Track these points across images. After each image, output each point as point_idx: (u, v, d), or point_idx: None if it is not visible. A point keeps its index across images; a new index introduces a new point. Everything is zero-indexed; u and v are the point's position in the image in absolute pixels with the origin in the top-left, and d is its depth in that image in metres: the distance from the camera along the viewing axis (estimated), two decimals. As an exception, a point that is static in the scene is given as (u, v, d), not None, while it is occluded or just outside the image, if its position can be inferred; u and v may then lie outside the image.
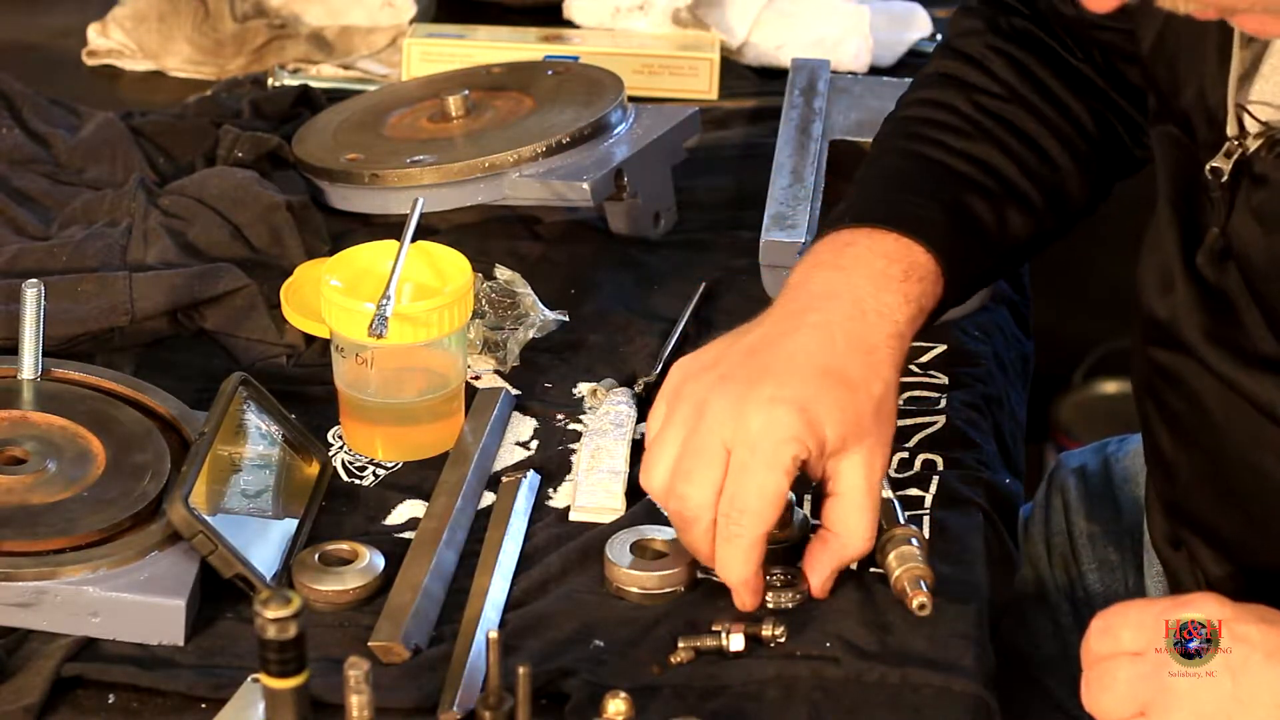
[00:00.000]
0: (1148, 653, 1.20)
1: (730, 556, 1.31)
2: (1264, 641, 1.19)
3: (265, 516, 1.39)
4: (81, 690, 1.27)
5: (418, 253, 1.50)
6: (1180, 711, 1.18)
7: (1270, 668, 1.18)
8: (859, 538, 1.33)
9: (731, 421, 1.31)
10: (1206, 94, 1.35)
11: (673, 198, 1.78)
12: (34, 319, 1.45)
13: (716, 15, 2.06)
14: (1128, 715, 1.20)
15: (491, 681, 1.20)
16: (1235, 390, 1.36)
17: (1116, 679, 1.21)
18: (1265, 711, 1.18)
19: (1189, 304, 1.38)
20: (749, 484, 1.30)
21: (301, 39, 2.04)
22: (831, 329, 1.36)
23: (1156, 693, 1.19)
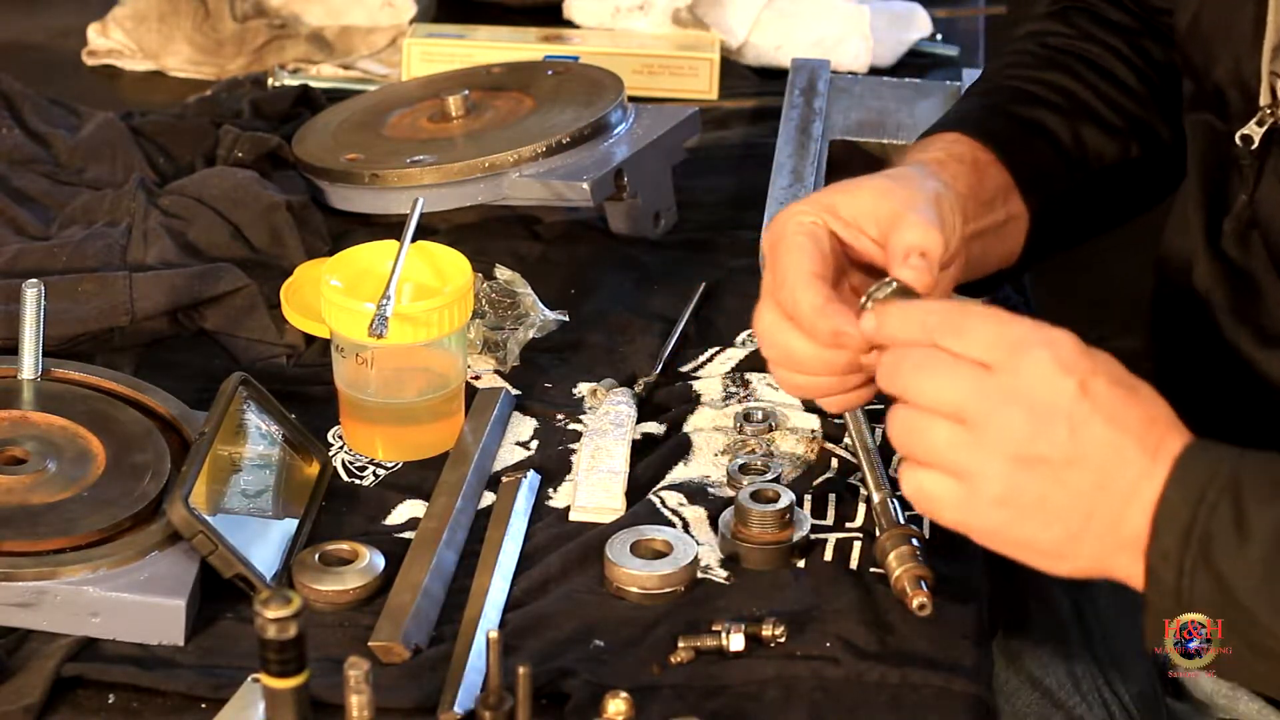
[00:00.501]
0: (997, 371, 1.18)
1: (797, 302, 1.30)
2: (1109, 402, 1.17)
3: (265, 516, 1.39)
4: (81, 690, 1.27)
5: (418, 253, 1.50)
6: (1005, 443, 1.17)
7: (1106, 428, 1.17)
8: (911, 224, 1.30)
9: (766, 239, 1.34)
10: (1241, 65, 1.36)
11: (673, 198, 1.78)
12: (34, 319, 1.45)
13: (716, 15, 2.06)
14: (944, 412, 1.19)
15: (491, 681, 1.20)
16: (1253, 368, 1.37)
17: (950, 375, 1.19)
18: (1088, 470, 1.17)
19: (1212, 282, 1.39)
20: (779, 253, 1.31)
21: (301, 39, 2.04)
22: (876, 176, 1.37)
23: (988, 412, 1.17)
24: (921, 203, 1.33)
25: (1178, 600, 1.17)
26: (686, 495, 1.44)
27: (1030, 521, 1.18)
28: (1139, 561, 1.18)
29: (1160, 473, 1.17)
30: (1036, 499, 1.18)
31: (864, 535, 1.40)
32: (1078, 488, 1.17)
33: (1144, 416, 1.19)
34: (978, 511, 1.19)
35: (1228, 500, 1.16)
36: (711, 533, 1.40)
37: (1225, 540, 1.15)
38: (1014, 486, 1.18)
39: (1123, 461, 1.17)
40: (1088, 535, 1.18)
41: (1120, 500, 1.17)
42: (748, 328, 1.63)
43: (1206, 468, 1.17)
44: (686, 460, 1.48)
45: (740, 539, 1.37)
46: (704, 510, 1.43)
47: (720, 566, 1.37)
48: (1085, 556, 1.19)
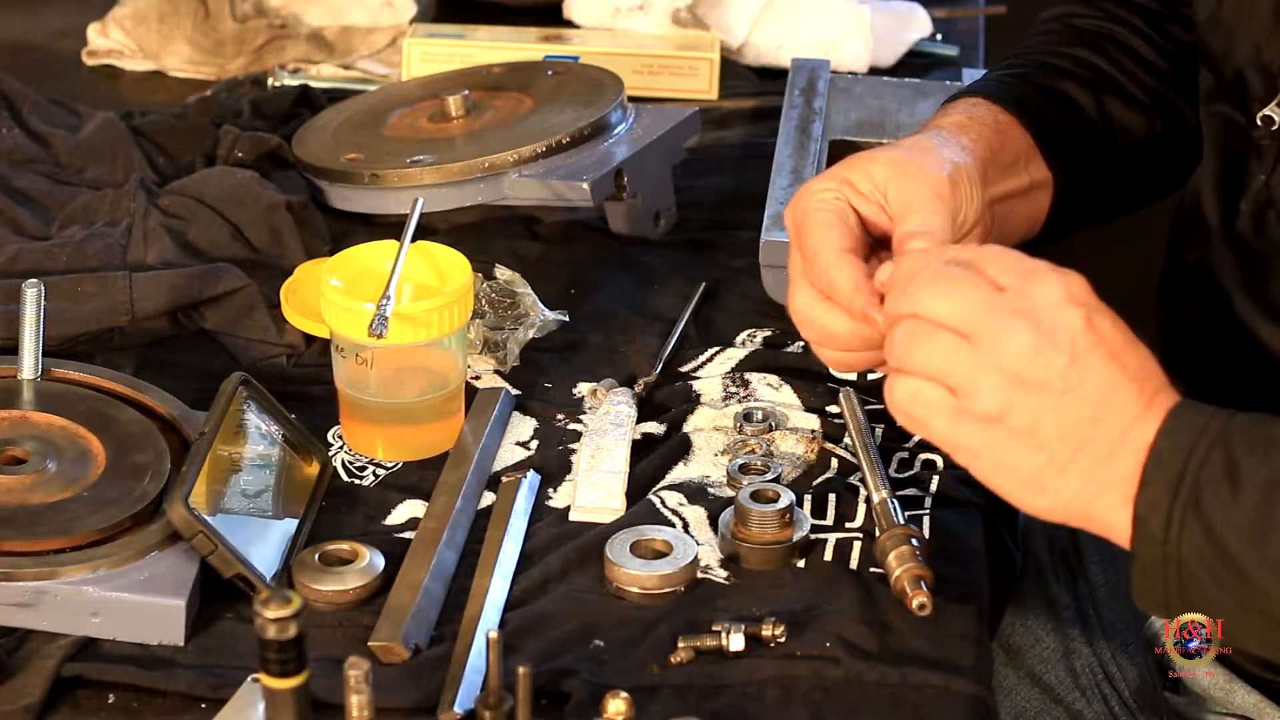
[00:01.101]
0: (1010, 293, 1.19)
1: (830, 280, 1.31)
2: (1113, 339, 1.18)
3: (265, 516, 1.39)
4: (81, 690, 1.27)
5: (418, 253, 1.50)
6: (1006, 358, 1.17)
7: (1106, 363, 1.18)
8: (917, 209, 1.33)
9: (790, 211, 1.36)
10: (1262, 50, 1.37)
11: (673, 198, 1.78)
12: (34, 319, 1.45)
13: (716, 15, 2.06)
14: (949, 325, 1.19)
15: (491, 681, 1.20)
16: (1259, 344, 1.38)
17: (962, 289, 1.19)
18: (1082, 401, 1.17)
19: (1225, 262, 1.40)
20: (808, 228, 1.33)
21: (301, 39, 2.04)
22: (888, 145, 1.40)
23: (995, 329, 1.18)
24: (935, 178, 1.35)
25: (1164, 551, 1.16)
26: (686, 495, 1.44)
27: (1019, 444, 1.18)
28: (1125, 506, 1.17)
29: (1153, 421, 1.17)
30: (1029, 421, 1.17)
31: (864, 535, 1.40)
32: (1072, 416, 1.17)
33: (1143, 365, 1.19)
34: (967, 427, 1.19)
35: (1219, 452, 1.16)
36: (711, 533, 1.40)
37: (1216, 491, 1.15)
38: (1008, 404, 1.17)
39: (1119, 400, 1.17)
40: (1074, 468, 1.17)
41: (1112, 438, 1.17)
42: (748, 328, 1.63)
43: (1198, 422, 1.17)
44: (686, 460, 1.48)
45: (740, 539, 1.37)
46: (704, 510, 1.43)
47: (720, 566, 1.37)
48: (1068, 490, 1.18)
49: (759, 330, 1.63)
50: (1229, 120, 1.42)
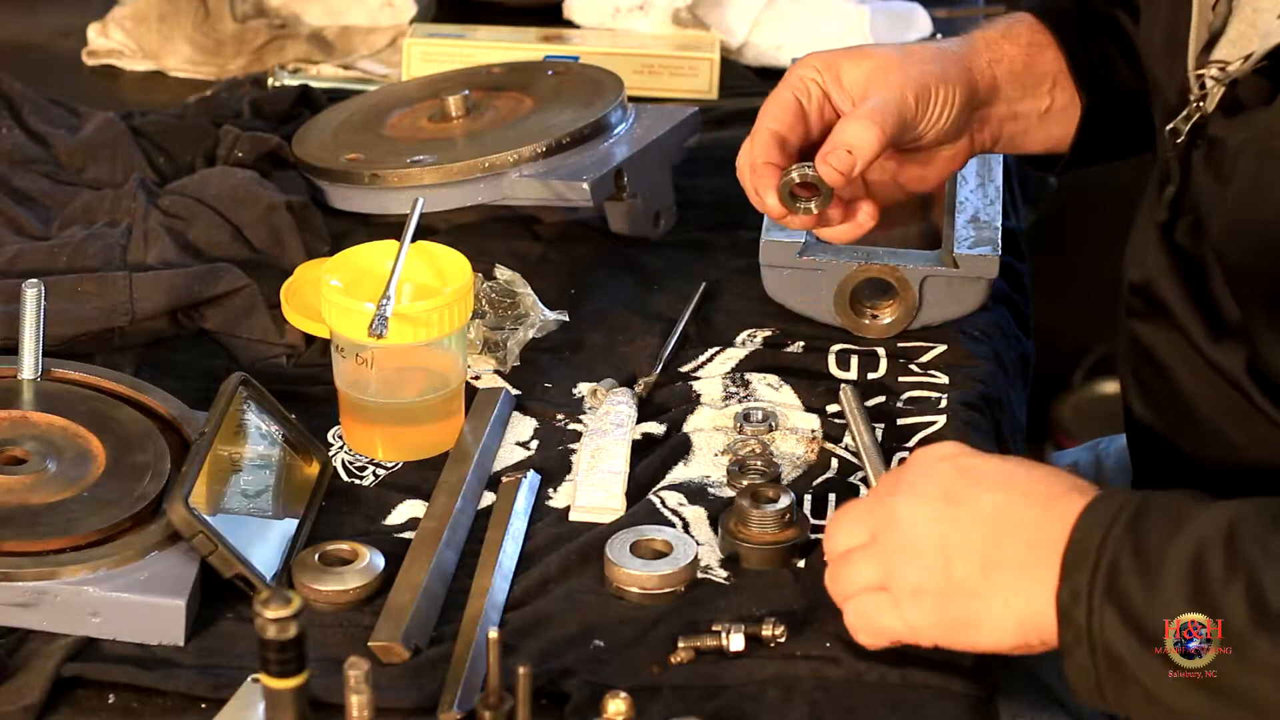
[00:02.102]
0: (882, 483, 1.28)
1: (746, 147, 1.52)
2: (987, 472, 1.24)
3: (265, 516, 1.39)
4: (81, 690, 1.27)
5: (418, 253, 1.50)
6: (899, 534, 1.24)
7: (987, 494, 1.23)
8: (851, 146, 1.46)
9: None
10: (1176, 64, 1.39)
11: (673, 198, 1.78)
12: (34, 319, 1.45)
13: (716, 15, 2.06)
14: (856, 544, 1.26)
15: (491, 681, 1.20)
16: (1203, 358, 1.40)
17: (852, 511, 1.28)
18: (976, 532, 1.22)
19: (1165, 270, 1.42)
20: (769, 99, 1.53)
21: (301, 39, 2.04)
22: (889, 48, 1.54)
23: (881, 518, 1.25)
24: (903, 90, 1.49)
25: (1090, 640, 1.19)
26: (686, 495, 1.44)
27: (951, 599, 1.23)
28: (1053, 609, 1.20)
29: (1057, 519, 1.21)
30: (943, 577, 1.22)
31: (864, 535, 1.40)
32: (973, 548, 1.22)
33: (1033, 479, 1.24)
34: (908, 608, 1.24)
35: (1128, 537, 1.18)
36: (711, 533, 1.40)
37: (1130, 575, 1.18)
38: (922, 569, 1.23)
39: (1012, 514, 1.22)
40: (996, 592, 1.21)
41: (1018, 551, 1.21)
42: (748, 328, 1.63)
43: (1110, 509, 1.20)
44: (686, 460, 1.48)
45: (740, 539, 1.37)
46: (704, 510, 1.43)
47: (720, 566, 1.37)
48: (1008, 614, 1.21)
49: (759, 330, 1.63)
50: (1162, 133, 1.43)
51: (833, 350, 1.60)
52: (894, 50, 1.52)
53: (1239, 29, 1.35)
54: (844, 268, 1.61)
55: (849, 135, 1.47)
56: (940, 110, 1.50)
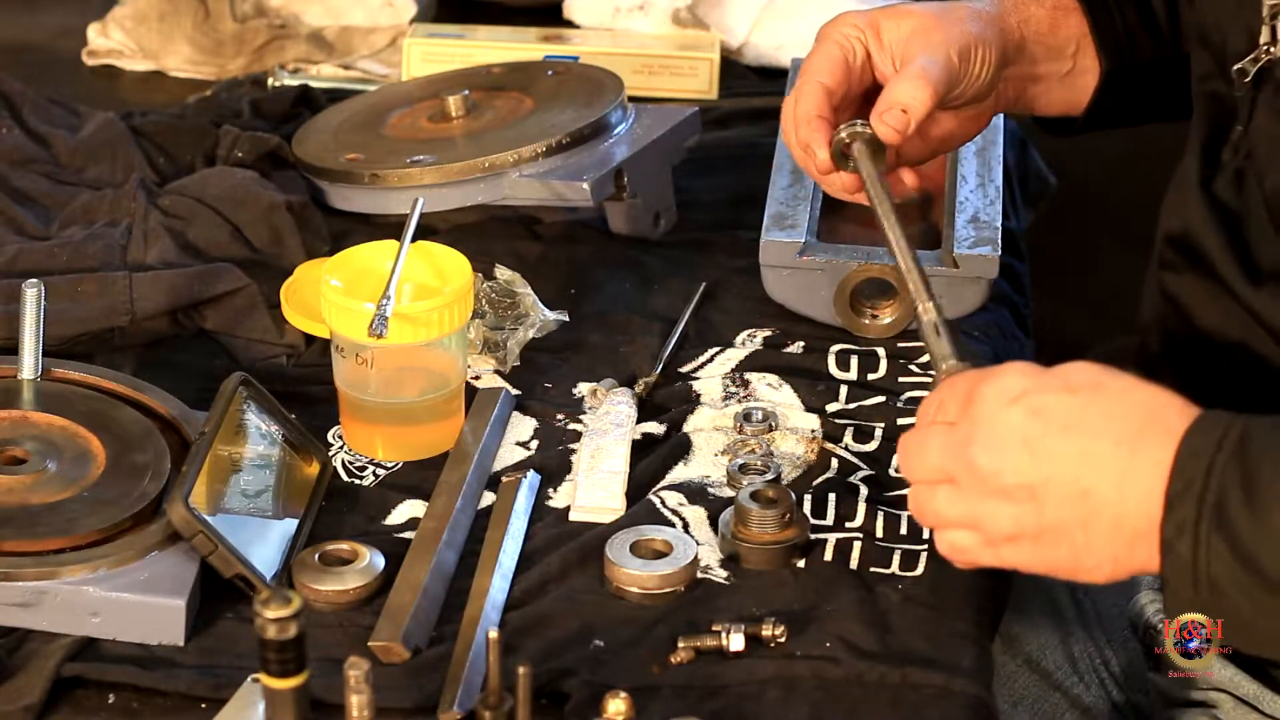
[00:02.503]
0: (958, 426, 1.24)
1: (794, 100, 1.50)
2: (1062, 412, 1.21)
3: (265, 516, 1.39)
4: (81, 690, 1.27)
5: (418, 253, 1.50)
6: (984, 483, 1.22)
7: (1065, 439, 1.21)
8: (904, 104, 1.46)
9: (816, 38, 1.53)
10: (1247, 13, 1.39)
11: (673, 198, 1.78)
12: (34, 319, 1.45)
13: (716, 15, 2.06)
14: (937, 480, 1.25)
15: (491, 681, 1.20)
16: (1240, 305, 1.40)
17: (927, 447, 1.25)
18: (1062, 483, 1.20)
19: (1205, 220, 1.42)
20: (814, 49, 1.52)
21: (301, 39, 2.04)
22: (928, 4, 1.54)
23: (961, 464, 1.23)
24: (947, 49, 1.50)
25: (1194, 574, 1.17)
26: (686, 495, 1.44)
27: (1045, 546, 1.22)
28: (1156, 552, 1.19)
29: (1144, 465, 1.19)
30: (1036, 523, 1.21)
31: (864, 535, 1.40)
32: (1062, 502, 1.20)
33: (1110, 414, 1.21)
34: (1001, 550, 1.24)
35: (1235, 467, 1.17)
36: (711, 533, 1.40)
37: (1239, 507, 1.16)
38: (1012, 519, 1.22)
39: (1095, 465, 1.20)
40: (1094, 543, 1.20)
41: (1109, 499, 1.19)
42: (748, 328, 1.63)
43: (1212, 439, 1.18)
44: (686, 460, 1.48)
45: (740, 539, 1.37)
46: (704, 510, 1.43)
47: (720, 566, 1.37)
48: (1106, 562, 1.21)
49: (759, 330, 1.63)
50: (1216, 96, 1.43)
51: (833, 350, 1.60)
52: (932, 9, 1.52)
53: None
54: (844, 268, 1.61)
55: (902, 94, 1.47)
56: (979, 69, 1.51)
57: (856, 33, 1.51)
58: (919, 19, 1.51)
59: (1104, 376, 1.23)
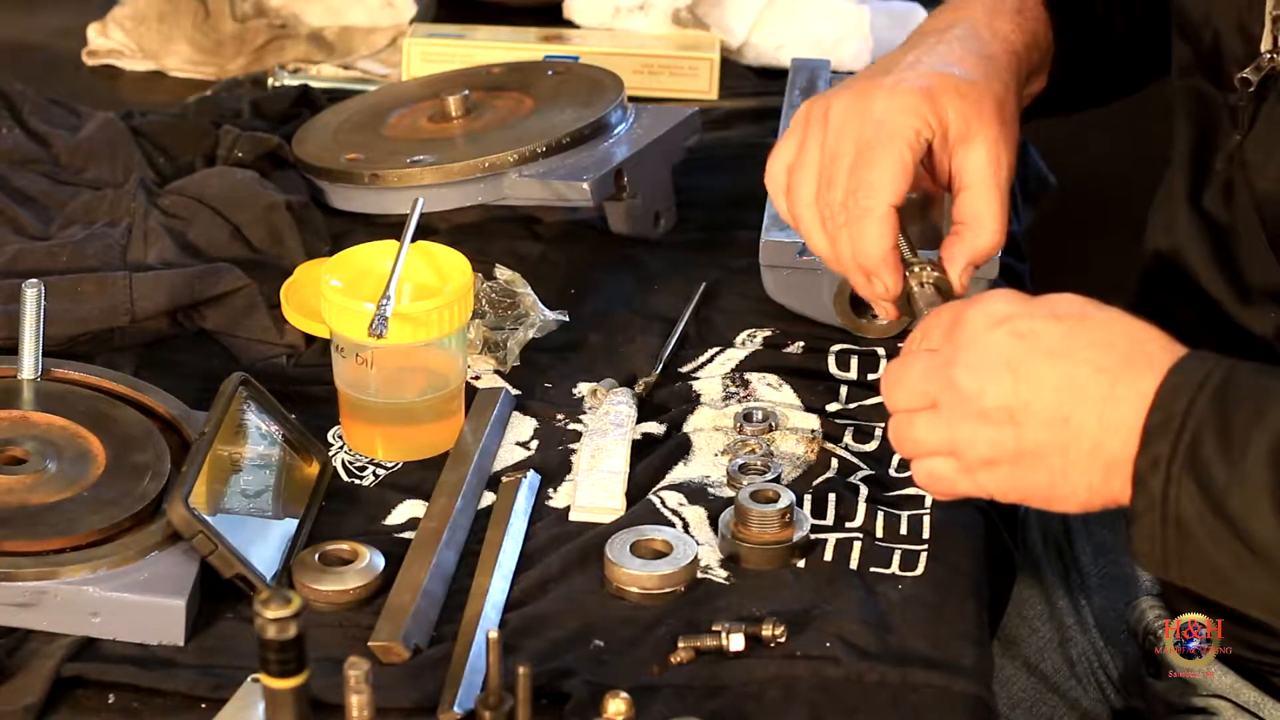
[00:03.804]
0: (942, 349, 1.24)
1: (864, 233, 1.35)
2: (1047, 337, 1.21)
3: (265, 516, 1.39)
4: (81, 690, 1.27)
5: (418, 253, 1.50)
6: (964, 405, 1.22)
7: (1049, 364, 1.21)
8: (990, 227, 1.38)
9: (857, 116, 1.36)
10: (1243, 12, 1.38)
11: (673, 198, 1.78)
12: (34, 319, 1.45)
13: (716, 15, 2.06)
14: (918, 406, 1.25)
15: (491, 681, 1.20)
16: (1231, 322, 1.39)
17: (910, 372, 1.25)
18: (1043, 407, 1.20)
19: (1193, 237, 1.42)
20: (876, 159, 1.35)
21: (301, 39, 2.04)
22: (950, 44, 1.43)
23: (943, 387, 1.23)
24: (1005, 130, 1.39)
25: (1163, 511, 1.18)
26: (686, 495, 1.44)
27: (1024, 469, 1.22)
28: (1130, 482, 1.19)
29: (1126, 394, 1.19)
30: (1015, 447, 1.21)
31: (864, 535, 1.40)
32: (1043, 424, 1.20)
33: (1095, 341, 1.21)
34: (983, 476, 1.24)
35: (1214, 409, 1.17)
36: (711, 533, 1.40)
37: (1213, 451, 1.16)
38: (991, 442, 1.22)
39: (1077, 391, 1.20)
40: (1071, 470, 1.21)
41: (1090, 427, 1.20)
42: (748, 328, 1.63)
43: (1194, 379, 1.19)
44: (686, 460, 1.48)
45: (740, 539, 1.37)
46: (704, 510, 1.43)
47: (720, 566, 1.37)
48: (1083, 488, 1.21)
49: (759, 330, 1.63)
50: (1201, 93, 1.43)
51: (833, 350, 1.60)
52: (977, 73, 1.42)
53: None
54: (844, 268, 1.61)
55: (976, 250, 1.40)
56: (1014, 123, 1.45)
57: (925, 128, 1.38)
58: (972, 93, 1.40)
59: (1090, 307, 1.24)
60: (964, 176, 1.39)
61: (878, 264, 1.37)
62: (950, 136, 1.38)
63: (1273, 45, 1.36)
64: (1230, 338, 1.40)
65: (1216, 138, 1.41)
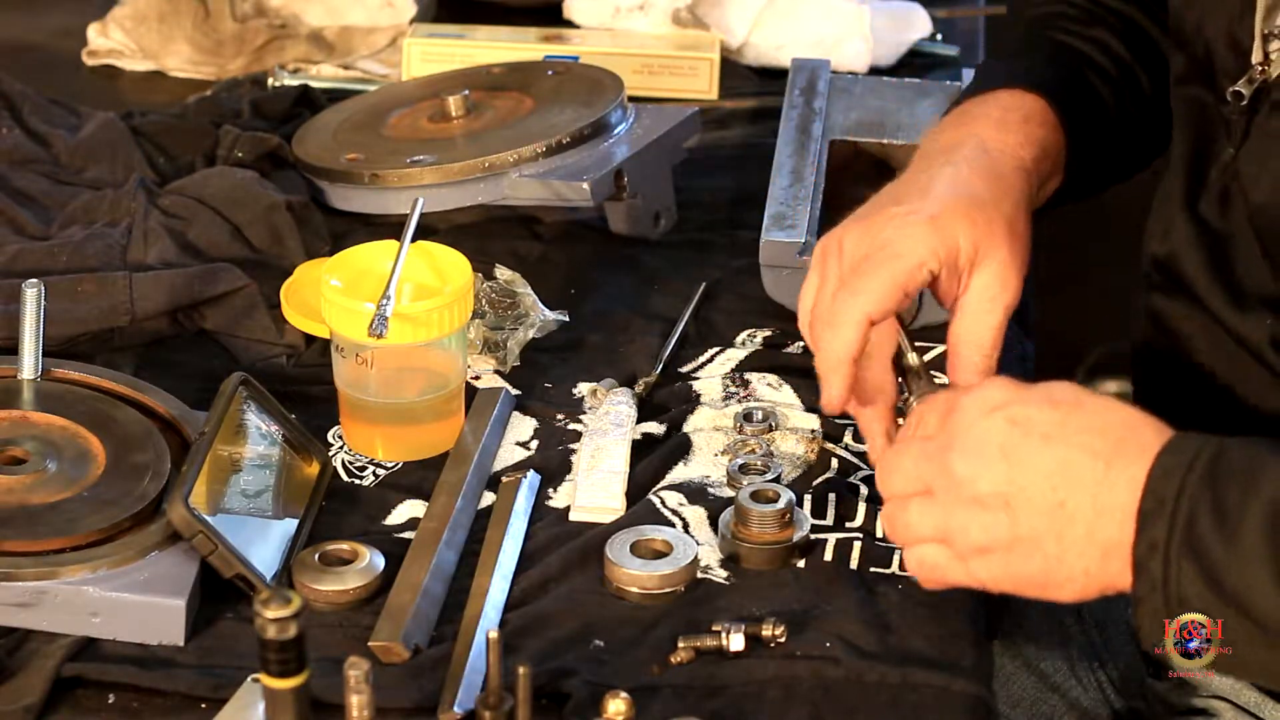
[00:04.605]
0: (936, 436, 1.24)
1: (834, 334, 1.33)
2: (1041, 423, 1.22)
3: (265, 516, 1.39)
4: (81, 690, 1.27)
5: (418, 253, 1.50)
6: (959, 491, 1.22)
7: (1044, 449, 1.21)
8: (978, 359, 1.37)
9: (866, 240, 1.35)
10: (1233, 24, 1.38)
11: (673, 198, 1.78)
12: (34, 319, 1.45)
13: (716, 15, 2.06)
14: (912, 491, 1.25)
15: (491, 681, 1.20)
16: (1225, 330, 1.39)
17: (905, 458, 1.25)
18: (1038, 493, 1.20)
19: (1189, 243, 1.42)
20: (870, 269, 1.33)
21: (301, 39, 2.04)
22: (959, 165, 1.41)
23: (937, 473, 1.23)
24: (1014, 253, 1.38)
25: (1165, 593, 1.18)
26: (686, 495, 1.44)
27: (1018, 557, 1.22)
28: (1129, 568, 1.19)
29: (1119, 478, 1.19)
30: (1009, 534, 1.21)
31: (864, 535, 1.40)
32: (1038, 510, 1.21)
33: (1088, 426, 1.22)
34: (971, 564, 1.23)
35: (1206, 488, 1.17)
36: (711, 533, 1.40)
37: (1209, 529, 1.16)
38: (985, 528, 1.22)
39: (1072, 475, 1.20)
40: (1067, 555, 1.21)
41: (1085, 512, 1.20)
42: (748, 328, 1.63)
43: (1184, 459, 1.19)
44: (686, 460, 1.48)
45: (740, 539, 1.37)
46: (704, 510, 1.43)
47: (720, 566, 1.37)
48: (1079, 574, 1.21)
49: (759, 330, 1.63)
50: (1198, 101, 1.42)
51: (833, 350, 1.60)
52: (987, 194, 1.40)
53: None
54: (844, 268, 1.60)
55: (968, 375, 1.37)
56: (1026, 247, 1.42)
57: (931, 260, 1.34)
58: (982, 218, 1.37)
59: (1084, 394, 1.24)
60: (967, 302, 1.38)
61: (831, 367, 1.33)
62: (959, 263, 1.37)
63: (1263, 58, 1.36)
64: (1226, 345, 1.40)
65: (1212, 146, 1.41)
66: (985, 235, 1.37)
